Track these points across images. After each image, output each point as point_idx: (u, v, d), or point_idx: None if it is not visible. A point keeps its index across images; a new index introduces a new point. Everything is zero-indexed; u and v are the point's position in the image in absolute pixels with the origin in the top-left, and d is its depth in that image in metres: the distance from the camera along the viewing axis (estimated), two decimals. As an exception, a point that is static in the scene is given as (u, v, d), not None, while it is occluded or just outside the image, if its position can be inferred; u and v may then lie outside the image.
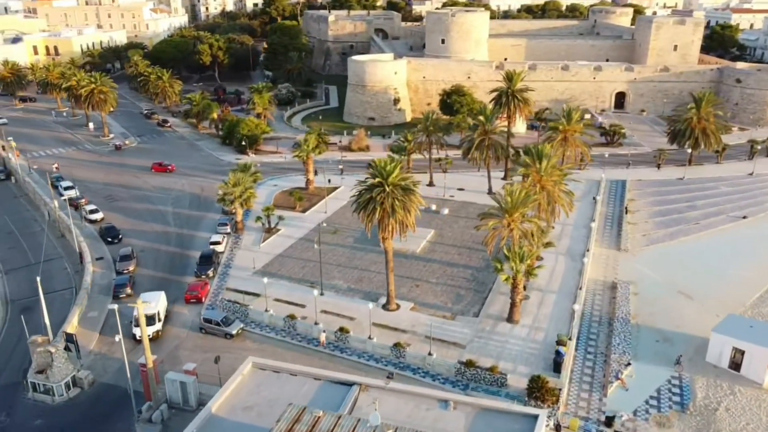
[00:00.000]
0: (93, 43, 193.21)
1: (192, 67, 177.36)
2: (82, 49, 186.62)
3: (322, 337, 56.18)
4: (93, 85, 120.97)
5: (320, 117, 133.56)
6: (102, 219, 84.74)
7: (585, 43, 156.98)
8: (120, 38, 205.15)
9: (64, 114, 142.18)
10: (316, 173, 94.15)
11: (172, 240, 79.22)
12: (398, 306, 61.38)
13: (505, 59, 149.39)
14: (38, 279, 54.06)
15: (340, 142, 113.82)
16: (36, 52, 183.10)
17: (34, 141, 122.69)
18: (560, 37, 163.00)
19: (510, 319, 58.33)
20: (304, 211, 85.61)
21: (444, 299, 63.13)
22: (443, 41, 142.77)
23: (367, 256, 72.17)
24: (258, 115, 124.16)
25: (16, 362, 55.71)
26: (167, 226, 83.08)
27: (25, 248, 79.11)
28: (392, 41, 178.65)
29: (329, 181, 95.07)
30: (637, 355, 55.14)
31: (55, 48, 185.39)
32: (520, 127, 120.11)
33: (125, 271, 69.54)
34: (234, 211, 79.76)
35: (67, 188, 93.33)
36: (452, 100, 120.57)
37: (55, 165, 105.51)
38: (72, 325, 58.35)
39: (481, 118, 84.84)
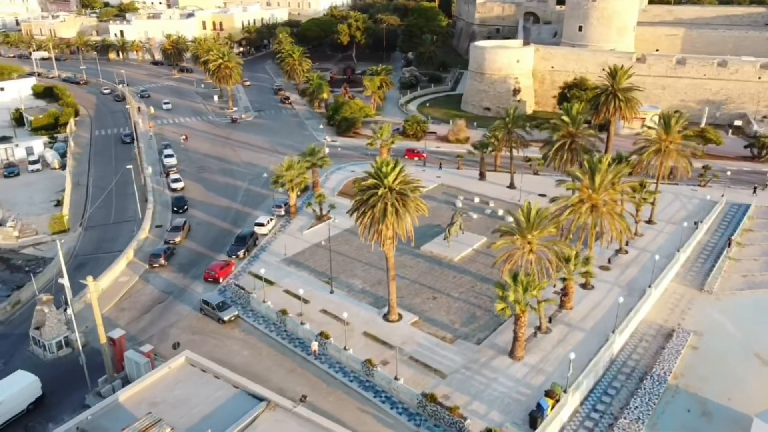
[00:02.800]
0: (254, 20, 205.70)
1: (335, 46, 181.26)
2: (242, 25, 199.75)
3: (314, 346, 53.09)
4: (220, 60, 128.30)
5: (427, 104, 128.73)
6: (182, 188, 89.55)
7: (760, 36, 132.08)
8: (281, 16, 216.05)
9: (202, 86, 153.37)
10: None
11: (230, 216, 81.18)
12: (400, 317, 56.48)
13: (657, 50, 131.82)
14: (58, 243, 57.55)
15: (433, 132, 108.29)
16: (204, 27, 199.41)
17: (170, 109, 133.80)
18: (727, 27, 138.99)
19: (512, 354, 50.71)
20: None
21: (453, 318, 56.78)
22: (581, 28, 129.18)
23: (400, 258, 67.28)
24: (368, 98, 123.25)
25: (42, 314, 60.61)
26: (233, 202, 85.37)
27: (112, 208, 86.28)
28: (541, 26, 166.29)
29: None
30: (656, 425, 44.78)
31: (221, 23, 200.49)
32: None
33: (171, 242, 72.49)
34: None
35: (167, 156, 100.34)
36: (571, 94, 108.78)
37: (184, 136, 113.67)
38: (99, 288, 62.00)
39: (566, 118, 74.74)
